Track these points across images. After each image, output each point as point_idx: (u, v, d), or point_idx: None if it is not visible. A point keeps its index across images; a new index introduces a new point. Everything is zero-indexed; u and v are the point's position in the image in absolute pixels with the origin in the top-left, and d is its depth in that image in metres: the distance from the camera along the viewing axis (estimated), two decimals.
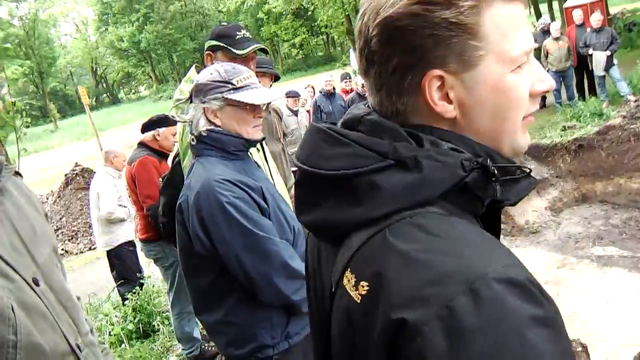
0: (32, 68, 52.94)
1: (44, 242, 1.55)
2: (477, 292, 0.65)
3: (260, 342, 2.21)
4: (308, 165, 0.88)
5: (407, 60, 0.81)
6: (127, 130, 32.97)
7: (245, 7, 34.83)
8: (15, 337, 1.27)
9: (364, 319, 0.76)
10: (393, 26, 0.80)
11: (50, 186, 14.55)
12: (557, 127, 9.17)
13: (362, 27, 0.85)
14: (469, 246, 0.72)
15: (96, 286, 6.98)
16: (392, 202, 0.78)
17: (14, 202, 1.50)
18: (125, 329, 5.12)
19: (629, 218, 6.73)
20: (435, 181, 0.78)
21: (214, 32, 2.98)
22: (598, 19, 10.65)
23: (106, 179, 5.91)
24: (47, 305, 1.42)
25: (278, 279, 2.12)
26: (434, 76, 0.81)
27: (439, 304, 0.65)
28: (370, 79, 0.87)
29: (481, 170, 0.80)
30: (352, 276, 0.80)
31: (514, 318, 0.63)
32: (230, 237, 2.09)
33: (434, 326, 0.65)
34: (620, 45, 11.37)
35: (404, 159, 0.79)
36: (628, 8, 24.58)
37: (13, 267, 1.35)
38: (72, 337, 1.48)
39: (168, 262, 4.77)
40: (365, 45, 0.85)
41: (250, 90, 2.21)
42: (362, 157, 0.81)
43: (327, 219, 0.86)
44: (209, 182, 2.10)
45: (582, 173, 7.85)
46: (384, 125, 0.85)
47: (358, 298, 0.77)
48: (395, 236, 0.76)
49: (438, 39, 0.79)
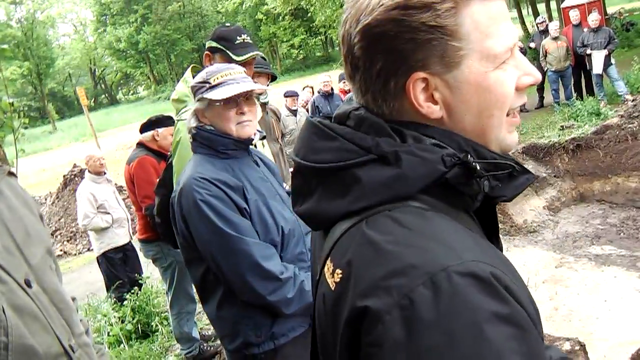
0: (31, 69, 52.89)
1: (38, 244, 1.53)
2: (438, 285, 0.66)
3: (246, 339, 2.25)
4: (300, 157, 0.92)
5: (389, 64, 0.82)
6: (125, 131, 32.97)
7: (244, 8, 34.84)
8: (6, 338, 1.26)
9: (335, 306, 0.79)
10: (373, 32, 0.81)
11: (49, 187, 14.52)
12: (555, 127, 9.18)
13: (345, 34, 0.86)
14: (438, 240, 0.73)
15: (95, 286, 6.98)
16: (372, 195, 0.80)
17: (8, 204, 1.48)
18: (124, 329, 5.12)
19: (627, 217, 6.74)
20: (414, 176, 0.79)
21: (215, 33, 2.98)
22: (595, 19, 10.67)
23: (85, 187, 5.90)
24: (40, 307, 1.40)
25: (251, 279, 2.15)
26: (417, 79, 0.82)
27: (400, 293, 0.67)
28: (356, 83, 0.89)
29: (462, 166, 0.80)
30: (330, 264, 0.83)
31: (472, 312, 0.64)
32: (205, 235, 2.16)
33: (394, 315, 0.67)
34: (617, 45, 11.39)
35: (385, 153, 0.80)
36: (625, 8, 24.64)
37: (5, 269, 1.34)
38: (65, 338, 1.46)
39: (166, 262, 4.77)
40: (349, 52, 0.87)
41: (224, 87, 2.23)
42: (347, 151, 0.84)
43: (316, 210, 0.89)
44: (189, 180, 2.17)
45: (580, 172, 7.86)
46: (369, 120, 0.87)
47: (333, 285, 0.81)
48: (370, 227, 0.78)
49: (418, 42, 0.80)
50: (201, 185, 2.15)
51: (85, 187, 5.86)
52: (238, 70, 2.31)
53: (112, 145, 26.35)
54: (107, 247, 5.87)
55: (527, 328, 0.67)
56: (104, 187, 5.94)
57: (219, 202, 2.15)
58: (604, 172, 7.60)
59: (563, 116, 9.88)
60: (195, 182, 2.15)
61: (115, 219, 5.87)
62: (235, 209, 2.19)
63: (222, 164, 2.26)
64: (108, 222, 5.80)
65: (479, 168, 0.81)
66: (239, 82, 2.25)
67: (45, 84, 57.55)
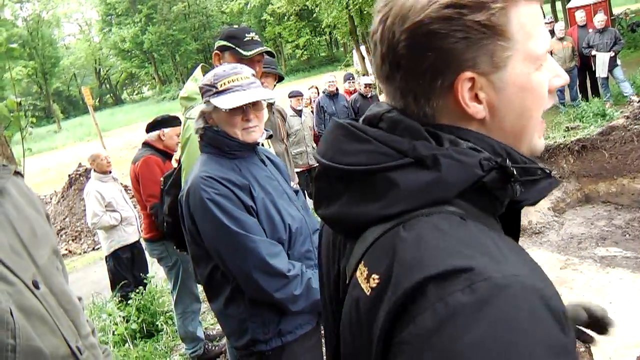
0: (36, 69, 52.96)
1: (45, 244, 1.52)
2: (476, 292, 0.65)
3: (253, 336, 2.27)
4: (327, 159, 0.89)
5: (438, 63, 0.81)
6: (130, 131, 33.04)
7: (249, 8, 34.89)
8: (14, 341, 1.26)
9: (371, 311, 0.76)
10: (424, 30, 0.80)
11: (54, 187, 14.57)
12: (560, 128, 9.16)
13: (386, 33, 0.83)
14: (478, 248, 0.72)
15: (100, 285, 6.99)
16: (409, 200, 0.79)
17: (14, 203, 1.47)
18: (129, 328, 5.13)
19: (632, 219, 6.72)
20: (453, 180, 0.78)
21: (224, 32, 3.06)
22: (601, 20, 10.64)
23: (92, 186, 5.90)
24: (47, 308, 1.40)
25: (257, 276, 2.16)
26: (465, 78, 0.81)
27: (437, 297, 0.66)
28: (394, 83, 0.86)
29: (499, 170, 0.80)
30: (364, 269, 0.81)
31: (504, 324, 0.63)
32: (212, 233, 2.18)
33: (427, 315, 0.66)
34: (623, 46, 11.35)
35: (423, 157, 0.79)
36: (631, 8, 24.55)
37: (12, 270, 1.33)
38: (72, 340, 1.45)
39: (171, 261, 4.78)
40: (390, 50, 0.84)
41: (229, 94, 2.22)
42: (381, 154, 0.82)
43: (344, 213, 0.87)
44: (196, 179, 2.20)
45: (585, 174, 7.84)
46: (404, 122, 0.85)
47: (368, 290, 0.78)
48: (409, 232, 0.76)
49: (470, 42, 0.79)
50: (208, 184, 2.16)
51: (93, 186, 5.87)
52: (245, 75, 2.28)
53: (117, 145, 26.43)
54: (117, 246, 5.86)
55: (571, 351, 0.65)
56: (110, 185, 5.95)
57: (226, 200, 2.17)
58: (610, 173, 7.58)
59: (568, 117, 9.85)
60: (202, 181, 2.17)
61: (124, 217, 5.88)
62: (242, 207, 2.20)
63: (229, 163, 2.28)
64: (117, 219, 5.80)
65: (515, 172, 0.80)
66: (245, 90, 2.24)
67: (50, 83, 57.59)
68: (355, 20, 21.63)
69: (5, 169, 1.47)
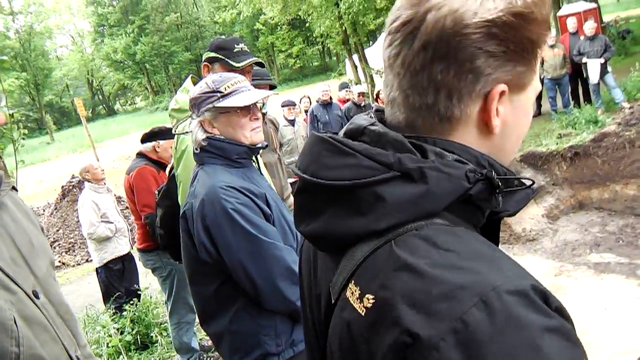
0: (28, 80, 52.86)
1: (42, 256, 1.55)
2: (490, 305, 0.65)
3: (265, 349, 2.21)
4: (309, 174, 0.87)
5: (485, 67, 0.80)
6: (123, 142, 32.94)
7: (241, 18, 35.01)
8: (17, 349, 1.28)
9: (369, 332, 0.75)
10: (488, 31, 0.78)
11: (47, 198, 14.52)
12: (552, 135, 9.20)
13: (439, 21, 0.78)
14: (477, 259, 0.72)
15: (93, 298, 6.95)
16: (397, 214, 0.78)
17: (12, 216, 1.50)
18: (123, 340, 5.09)
19: (625, 225, 6.75)
20: (441, 193, 0.78)
21: (213, 44, 3.03)
22: (591, 27, 10.70)
23: (87, 196, 5.87)
24: (48, 318, 1.42)
25: (282, 284, 2.13)
26: (500, 90, 0.81)
27: (453, 317, 0.65)
28: (427, 75, 0.82)
29: (485, 181, 0.80)
30: (356, 289, 0.79)
31: (527, 328, 0.64)
32: (235, 244, 2.10)
33: (449, 341, 0.64)
34: (614, 53, 11.42)
35: (409, 170, 0.78)
36: (621, 15, 24.76)
37: (14, 280, 1.35)
38: (72, 349, 1.48)
39: (166, 271, 4.77)
40: (437, 40, 0.79)
41: (239, 94, 2.24)
42: (366, 168, 0.80)
43: (328, 230, 0.85)
44: (214, 189, 2.12)
45: (578, 180, 7.88)
46: (388, 135, 0.84)
47: (362, 311, 0.76)
48: (402, 249, 0.75)
49: (516, 56, 0.80)
50: (230, 194, 2.11)
51: (88, 196, 5.84)
52: (242, 78, 2.31)
53: (110, 155, 26.34)
54: (110, 257, 5.83)
55: (575, 337, 0.68)
56: (104, 196, 5.93)
57: (249, 210, 2.13)
58: (602, 179, 7.62)
59: (561, 124, 9.90)
60: (222, 192, 2.11)
61: (117, 228, 5.86)
62: (263, 216, 2.18)
63: (238, 172, 2.25)
64: (112, 231, 5.79)
65: (500, 184, 0.81)
66: (249, 90, 2.27)
67: (42, 94, 57.42)
68: (348, 29, 21.70)
69: (4, 183, 1.49)
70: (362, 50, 23.26)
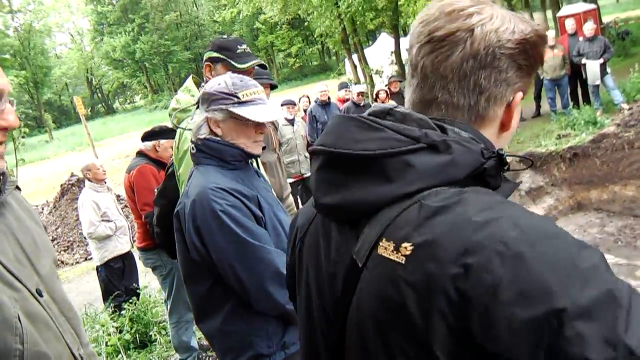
0: (27, 78, 52.79)
1: (45, 254, 1.57)
2: (521, 226, 0.77)
3: (257, 351, 2.20)
4: (337, 148, 0.96)
5: (515, 76, 0.97)
6: (122, 140, 32.95)
7: (241, 17, 35.02)
8: (21, 346, 1.28)
9: (416, 276, 0.82)
10: (524, 47, 0.96)
11: (45, 196, 14.51)
12: (552, 136, 9.21)
13: (486, 34, 0.94)
14: (502, 201, 0.85)
15: (92, 296, 6.96)
16: (425, 179, 0.88)
17: (16, 215, 1.52)
18: (122, 339, 5.10)
19: (624, 226, 6.76)
20: (463, 163, 0.89)
21: (215, 43, 3.00)
22: (591, 28, 10.71)
23: (87, 195, 5.87)
24: (51, 316, 1.43)
25: (271, 287, 2.12)
26: (520, 97, 1.00)
27: (494, 242, 0.76)
28: (470, 80, 0.96)
29: (497, 158, 0.93)
30: (389, 243, 0.87)
31: (561, 236, 0.77)
32: (224, 245, 2.10)
33: (496, 260, 0.74)
34: (613, 54, 11.43)
35: (435, 142, 0.89)
36: (621, 17, 24.79)
37: (18, 278, 1.36)
38: (74, 347, 1.49)
39: (165, 270, 4.77)
40: (485, 50, 0.94)
41: (255, 106, 2.22)
42: (394, 140, 0.91)
43: (356, 198, 0.94)
44: (204, 190, 2.11)
45: (577, 181, 7.88)
46: (412, 115, 0.96)
47: (402, 259, 0.84)
48: (433, 201, 0.85)
49: (532, 68, 0.99)
50: (219, 196, 2.10)
51: (88, 195, 5.84)
52: (262, 90, 2.29)
53: (109, 154, 26.34)
54: (110, 256, 5.83)
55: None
56: (105, 195, 5.92)
57: (238, 212, 2.12)
58: (601, 180, 7.62)
59: (560, 125, 9.91)
60: (212, 193, 2.10)
61: (118, 226, 5.85)
62: (253, 218, 2.17)
63: (232, 174, 2.24)
64: (112, 229, 5.78)
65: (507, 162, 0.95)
66: (265, 104, 2.25)
67: (42, 93, 57.39)
68: (347, 29, 21.69)
69: (9, 182, 1.50)
70: (361, 50, 23.27)
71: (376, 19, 23.82)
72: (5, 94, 1.41)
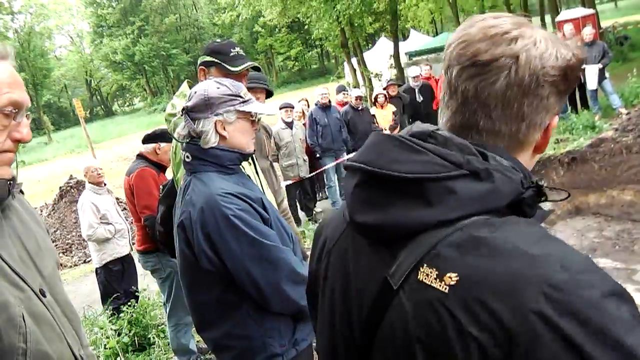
0: (27, 80, 52.73)
1: (48, 256, 1.59)
2: (569, 268, 0.77)
3: (270, 351, 2.22)
4: (377, 167, 0.95)
5: (554, 102, 0.97)
6: (121, 143, 32.92)
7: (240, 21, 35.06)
8: (25, 345, 1.31)
9: (458, 307, 0.81)
10: (564, 73, 0.94)
11: (44, 199, 14.49)
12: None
13: (529, 60, 0.92)
14: (543, 236, 0.85)
15: (91, 299, 6.95)
16: (466, 206, 0.88)
17: (20, 218, 1.54)
18: (121, 342, 5.09)
19: (622, 230, 6.76)
20: (504, 192, 0.89)
21: (208, 48, 3.01)
22: (589, 33, 10.74)
23: (86, 198, 5.87)
24: (54, 316, 1.46)
25: (286, 286, 2.15)
26: (556, 121, 1.01)
27: (541, 282, 0.76)
28: (513, 108, 0.95)
29: (535, 189, 0.93)
30: (431, 270, 0.86)
31: (600, 282, 0.76)
32: (238, 250, 2.10)
33: (542, 300, 0.74)
34: (611, 59, 11.46)
35: (477, 170, 0.89)
36: (619, 21, 24.83)
37: (22, 278, 1.39)
38: (76, 348, 1.51)
39: (165, 273, 4.78)
40: (529, 77, 0.93)
41: (256, 104, 2.30)
42: (437, 165, 0.90)
43: (395, 220, 0.93)
44: (212, 197, 2.11)
45: (575, 185, 7.89)
46: (454, 140, 0.95)
47: (445, 288, 0.83)
48: (477, 233, 0.85)
49: (568, 91, 0.98)
50: (229, 201, 2.10)
51: (87, 198, 5.85)
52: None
53: (108, 157, 26.31)
54: (109, 258, 5.83)
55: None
56: (104, 198, 5.93)
57: (248, 215, 2.13)
58: (599, 185, 7.63)
59: (558, 129, 9.92)
60: (221, 199, 2.09)
61: (117, 229, 5.85)
62: (261, 220, 2.19)
63: (233, 179, 2.25)
64: (111, 232, 5.78)
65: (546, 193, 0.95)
66: (255, 101, 2.34)
67: (41, 95, 57.23)
68: (346, 32, 21.72)
69: (16, 185, 1.52)
70: (360, 54, 23.29)
71: (375, 23, 23.86)
72: (24, 108, 1.44)
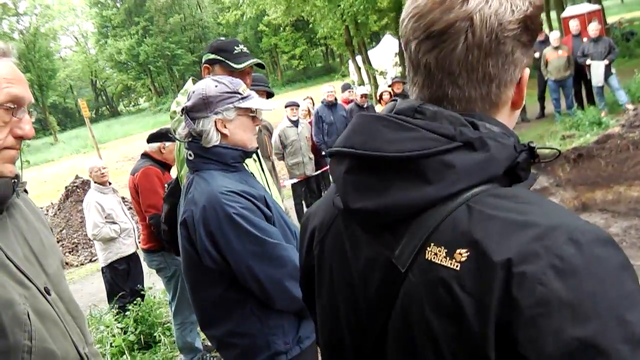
0: (32, 81, 52.89)
1: (53, 255, 1.60)
2: (577, 241, 0.75)
3: (274, 349, 2.21)
4: (367, 150, 0.92)
5: (521, 55, 0.92)
6: (127, 143, 33.00)
7: (245, 20, 35.08)
8: (30, 342, 1.31)
9: (472, 282, 0.79)
10: (527, 23, 0.90)
11: (50, 199, 14.54)
12: (556, 137, 9.20)
13: (485, 19, 0.87)
14: (552, 206, 0.84)
15: (97, 297, 6.98)
16: (466, 178, 0.85)
17: (24, 217, 1.55)
18: (127, 340, 5.11)
19: (629, 226, 6.73)
20: (501, 159, 0.87)
21: (212, 46, 3.02)
22: (595, 29, 10.70)
23: (92, 197, 5.89)
24: (59, 314, 1.47)
25: (289, 283, 2.13)
26: (528, 72, 0.96)
27: (550, 254, 0.74)
28: (479, 71, 0.91)
29: (527, 151, 0.91)
30: (439, 249, 0.84)
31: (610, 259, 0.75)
32: (241, 248, 2.09)
33: (551, 274, 0.73)
34: (617, 55, 11.42)
35: (471, 140, 0.86)
36: (625, 17, 24.75)
37: (27, 276, 1.40)
38: (80, 346, 1.52)
39: (170, 272, 4.78)
40: (488, 37, 0.88)
41: (255, 99, 2.28)
42: (429, 140, 0.87)
43: (395, 202, 0.89)
44: (215, 195, 2.10)
45: (581, 182, 7.86)
46: (443, 113, 0.91)
47: (456, 266, 0.81)
48: (484, 206, 0.83)
49: (534, 40, 0.94)
50: (231, 199, 2.09)
51: (92, 197, 5.87)
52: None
53: (114, 156, 26.40)
54: (114, 257, 5.85)
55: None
56: (110, 197, 5.94)
57: (251, 213, 2.12)
58: (606, 181, 7.59)
59: (564, 126, 9.90)
60: (224, 197, 2.09)
61: (122, 228, 5.87)
62: (264, 218, 2.18)
63: (236, 177, 2.25)
64: (116, 231, 5.80)
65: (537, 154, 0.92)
66: (254, 97, 2.32)
67: (46, 95, 57.41)
68: (351, 30, 21.70)
69: (21, 184, 1.53)
70: (365, 52, 23.27)
71: (380, 21, 23.82)
72: (25, 104, 1.45)
